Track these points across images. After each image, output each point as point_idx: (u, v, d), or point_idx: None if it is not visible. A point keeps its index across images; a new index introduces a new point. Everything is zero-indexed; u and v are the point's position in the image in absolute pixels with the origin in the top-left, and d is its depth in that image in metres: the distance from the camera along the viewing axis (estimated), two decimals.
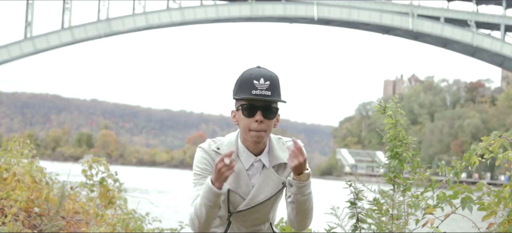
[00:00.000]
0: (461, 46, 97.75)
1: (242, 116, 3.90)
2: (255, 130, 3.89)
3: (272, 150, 4.02)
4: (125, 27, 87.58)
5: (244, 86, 3.89)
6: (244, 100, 3.89)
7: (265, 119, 3.89)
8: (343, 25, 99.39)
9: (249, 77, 3.89)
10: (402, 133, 5.59)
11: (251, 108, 3.88)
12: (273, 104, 3.94)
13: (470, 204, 4.99)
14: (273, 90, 3.91)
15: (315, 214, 4.28)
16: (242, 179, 3.97)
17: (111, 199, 8.64)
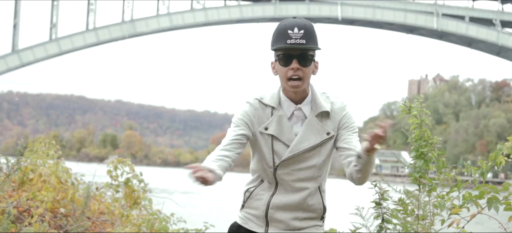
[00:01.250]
0: (486, 45, 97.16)
1: (279, 66, 4.02)
2: (291, 77, 3.98)
3: (315, 99, 4.09)
4: (149, 28, 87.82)
5: (280, 36, 3.98)
6: (280, 50, 3.99)
7: (301, 66, 3.98)
8: (367, 25, 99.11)
9: (284, 27, 3.98)
10: (427, 133, 5.57)
11: (287, 57, 3.98)
12: (309, 52, 4.01)
13: (496, 204, 4.97)
14: (308, 38, 3.98)
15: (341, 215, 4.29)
16: (285, 125, 4.05)
17: (136, 199, 8.67)
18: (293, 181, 4.10)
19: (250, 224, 4.14)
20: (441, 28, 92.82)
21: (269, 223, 4.13)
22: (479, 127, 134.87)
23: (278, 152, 4.06)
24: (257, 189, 4.14)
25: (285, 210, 4.13)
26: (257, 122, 4.05)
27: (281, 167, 4.07)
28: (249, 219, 4.16)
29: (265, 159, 4.07)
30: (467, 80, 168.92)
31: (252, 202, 4.15)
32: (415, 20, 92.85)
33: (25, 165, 7.93)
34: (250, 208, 4.16)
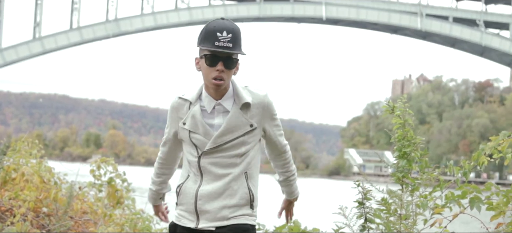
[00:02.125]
0: (469, 45, 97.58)
1: (204, 65, 4.20)
2: (215, 78, 4.18)
3: (237, 93, 4.28)
4: (133, 27, 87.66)
5: (208, 37, 4.15)
6: (208, 51, 4.17)
7: (226, 69, 4.19)
8: (351, 25, 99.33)
9: (213, 29, 4.15)
10: (411, 133, 5.59)
11: (214, 59, 4.16)
12: (234, 55, 4.20)
13: (478, 204, 4.99)
14: (235, 42, 4.16)
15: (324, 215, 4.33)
16: (198, 119, 4.28)
17: (119, 199, 8.65)
18: (217, 168, 4.26)
19: (183, 221, 4.29)
20: (425, 28, 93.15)
21: (199, 216, 4.27)
22: (462, 127, 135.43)
23: (198, 144, 4.27)
24: (185, 183, 4.31)
25: (213, 199, 4.27)
26: (178, 119, 4.36)
27: (204, 156, 4.26)
28: (182, 216, 4.31)
29: (190, 152, 4.30)
30: (450, 80, 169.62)
31: (183, 198, 4.31)
32: (399, 20, 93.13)
33: (8, 164, 7.90)
34: (181, 205, 4.32)
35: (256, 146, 4.40)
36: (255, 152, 4.41)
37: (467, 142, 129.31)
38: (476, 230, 5.66)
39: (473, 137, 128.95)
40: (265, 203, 4.55)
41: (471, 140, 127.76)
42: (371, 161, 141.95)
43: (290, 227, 6.88)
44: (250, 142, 4.33)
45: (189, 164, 4.30)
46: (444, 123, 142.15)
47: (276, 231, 6.89)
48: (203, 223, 4.25)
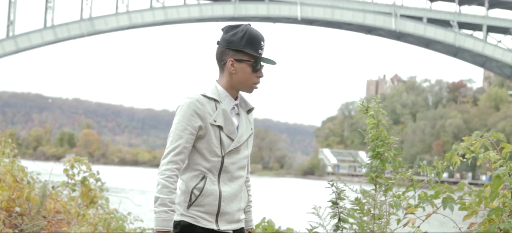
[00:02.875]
0: (443, 46, 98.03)
1: (248, 69, 4.32)
2: (256, 83, 4.36)
3: (243, 98, 4.44)
4: (108, 26, 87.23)
5: (254, 43, 4.32)
6: (255, 57, 4.33)
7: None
8: (326, 25, 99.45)
9: (257, 35, 4.35)
10: (384, 133, 5.60)
11: (259, 66, 4.35)
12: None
13: (451, 204, 5.01)
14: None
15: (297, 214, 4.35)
16: (228, 117, 4.31)
17: (92, 198, 8.62)
18: (235, 170, 4.31)
19: (203, 222, 4.24)
20: (399, 29, 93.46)
21: (218, 218, 4.25)
22: (436, 127, 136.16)
23: (223, 142, 4.26)
24: (206, 185, 4.23)
25: (232, 201, 4.31)
26: (206, 116, 4.24)
27: (227, 156, 4.27)
28: (201, 217, 4.24)
29: (214, 151, 4.24)
30: (424, 81, 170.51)
31: (203, 199, 4.23)
32: (373, 20, 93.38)
33: None
34: (200, 206, 4.24)
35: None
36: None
37: (440, 142, 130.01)
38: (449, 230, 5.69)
39: (446, 137, 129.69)
40: None
41: (445, 140, 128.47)
42: (345, 161, 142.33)
43: (264, 227, 6.88)
44: (250, 147, 4.45)
45: (206, 164, 4.25)
46: (418, 123, 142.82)
47: None
48: (223, 225, 4.28)
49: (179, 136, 4.20)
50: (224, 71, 4.32)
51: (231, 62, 4.28)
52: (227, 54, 4.30)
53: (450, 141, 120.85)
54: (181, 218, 4.23)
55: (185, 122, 4.20)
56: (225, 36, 4.32)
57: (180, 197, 4.25)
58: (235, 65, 4.29)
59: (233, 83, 4.32)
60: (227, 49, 4.30)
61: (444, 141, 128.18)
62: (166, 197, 4.11)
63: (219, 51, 4.34)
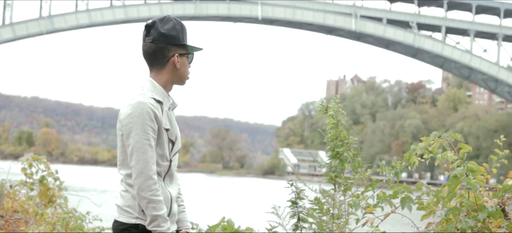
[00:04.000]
0: (403, 47, 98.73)
1: (186, 62, 4.25)
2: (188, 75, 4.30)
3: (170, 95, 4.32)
4: (67, 24, 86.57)
5: (186, 35, 4.24)
6: (191, 49, 4.27)
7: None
8: (287, 25, 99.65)
9: (184, 27, 4.25)
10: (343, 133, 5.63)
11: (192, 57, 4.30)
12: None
13: (409, 203, 5.05)
14: None
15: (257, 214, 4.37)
16: (171, 118, 4.25)
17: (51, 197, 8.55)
18: (175, 171, 4.29)
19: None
20: (359, 29, 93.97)
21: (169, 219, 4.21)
22: (395, 127, 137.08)
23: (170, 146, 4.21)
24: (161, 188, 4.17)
25: (176, 201, 4.34)
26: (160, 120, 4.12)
27: (173, 158, 4.24)
28: None
29: (165, 155, 4.16)
30: (384, 81, 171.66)
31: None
32: (334, 21, 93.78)
33: None
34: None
35: None
36: None
37: (399, 143, 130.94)
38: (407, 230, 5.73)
39: (405, 137, 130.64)
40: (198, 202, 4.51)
41: (404, 141, 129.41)
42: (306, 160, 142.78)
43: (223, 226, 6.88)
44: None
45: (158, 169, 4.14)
46: (377, 123, 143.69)
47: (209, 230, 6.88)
48: (171, 227, 4.24)
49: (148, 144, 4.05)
50: (166, 68, 4.20)
51: (177, 57, 4.20)
52: (170, 50, 4.19)
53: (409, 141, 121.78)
54: (137, 221, 4.14)
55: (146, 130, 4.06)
56: (162, 31, 4.17)
57: (132, 201, 4.15)
58: (180, 62, 4.22)
59: (174, 79, 4.23)
60: (169, 45, 4.18)
61: (403, 141, 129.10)
62: (165, 212, 4.07)
63: (159, 48, 4.18)
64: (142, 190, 3.99)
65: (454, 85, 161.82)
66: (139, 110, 4.04)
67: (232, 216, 7.21)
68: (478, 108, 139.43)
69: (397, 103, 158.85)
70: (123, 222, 4.16)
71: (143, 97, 4.07)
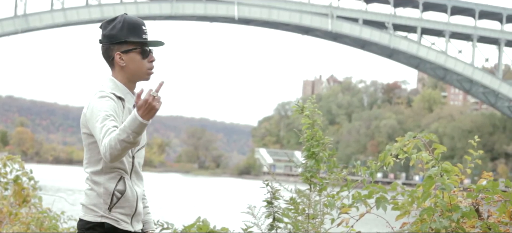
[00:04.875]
0: (378, 47, 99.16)
1: (137, 57, 4.21)
2: (151, 69, 4.25)
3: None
4: (43, 23, 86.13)
5: (134, 30, 4.20)
6: (140, 43, 4.22)
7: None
8: (263, 25, 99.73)
9: (136, 22, 4.22)
10: (319, 133, 5.64)
11: (146, 51, 4.23)
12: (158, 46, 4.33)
13: (384, 203, 5.07)
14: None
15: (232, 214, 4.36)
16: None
17: (25, 197, 8.50)
18: (139, 168, 4.28)
19: (123, 225, 4.19)
20: (335, 29, 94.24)
21: (133, 218, 4.23)
22: (371, 128, 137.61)
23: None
24: (126, 187, 4.18)
25: (142, 200, 4.36)
26: (120, 115, 4.11)
27: (136, 156, 4.23)
28: (121, 220, 4.19)
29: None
30: (359, 82, 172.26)
31: (124, 201, 4.18)
32: (310, 21, 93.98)
33: None
34: (121, 208, 4.19)
35: None
36: None
37: (375, 143, 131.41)
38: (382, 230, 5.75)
39: (381, 137, 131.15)
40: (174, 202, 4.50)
41: (379, 141, 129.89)
42: (281, 160, 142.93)
43: (198, 226, 6.86)
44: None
45: (121, 165, 4.15)
46: (353, 123, 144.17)
47: (184, 230, 6.86)
48: (135, 226, 4.26)
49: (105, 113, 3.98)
50: (115, 67, 4.22)
51: (118, 55, 4.20)
52: (112, 50, 4.21)
53: (384, 141, 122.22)
54: (103, 220, 4.14)
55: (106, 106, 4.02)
56: (105, 32, 4.22)
57: (96, 199, 4.15)
58: (124, 57, 4.20)
59: (128, 76, 4.22)
60: (111, 44, 4.20)
61: (379, 142, 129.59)
62: (118, 134, 3.82)
63: (104, 49, 4.24)
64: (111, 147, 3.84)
65: (429, 86, 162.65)
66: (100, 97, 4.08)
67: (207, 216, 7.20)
68: (453, 108, 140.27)
69: (372, 104, 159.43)
70: (88, 221, 4.15)
71: (101, 93, 4.11)
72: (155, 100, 3.78)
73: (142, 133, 3.83)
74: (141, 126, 3.78)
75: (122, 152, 3.85)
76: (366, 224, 5.71)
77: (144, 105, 3.77)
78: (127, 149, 3.85)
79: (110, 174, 4.16)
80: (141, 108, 3.77)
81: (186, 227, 6.91)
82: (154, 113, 3.82)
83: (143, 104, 3.76)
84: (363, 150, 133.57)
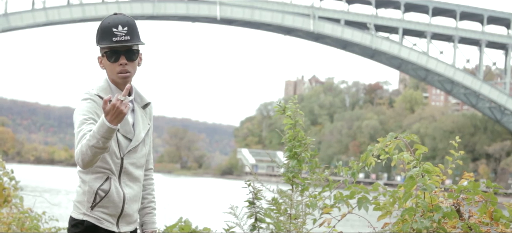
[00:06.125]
0: (360, 48, 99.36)
1: (107, 62, 4.21)
2: (121, 72, 4.20)
3: (138, 92, 4.37)
4: (24, 22, 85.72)
5: (105, 34, 4.18)
6: (107, 47, 4.19)
7: (129, 62, 4.21)
8: (245, 25, 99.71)
9: (108, 25, 4.18)
10: (301, 134, 5.64)
11: (115, 54, 4.18)
12: (134, 47, 4.23)
13: (366, 204, 5.08)
14: (132, 34, 4.20)
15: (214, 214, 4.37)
16: (126, 116, 4.20)
17: (6, 197, 8.46)
18: (134, 169, 4.26)
19: (105, 224, 4.20)
20: (317, 30, 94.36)
21: (119, 220, 4.24)
22: (353, 128, 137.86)
23: (121, 143, 4.20)
24: (111, 187, 4.19)
25: (133, 202, 4.31)
26: (99, 117, 4.11)
27: (126, 157, 4.22)
28: (104, 219, 4.20)
29: (113, 152, 4.17)
30: (342, 82, 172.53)
31: (107, 201, 4.19)
32: (292, 22, 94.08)
33: None
34: (104, 207, 4.20)
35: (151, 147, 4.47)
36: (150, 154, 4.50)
37: (357, 143, 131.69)
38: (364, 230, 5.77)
39: (363, 138, 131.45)
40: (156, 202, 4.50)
41: (361, 141, 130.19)
42: (264, 161, 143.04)
43: (181, 227, 6.86)
44: (148, 143, 4.39)
45: (107, 166, 4.17)
46: (335, 124, 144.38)
47: (166, 230, 6.86)
48: (123, 227, 4.26)
49: (84, 116, 4.07)
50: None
51: (99, 59, 4.27)
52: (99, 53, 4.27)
53: (366, 142, 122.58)
54: (84, 218, 4.18)
55: (86, 109, 4.10)
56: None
57: (81, 197, 4.19)
58: (103, 60, 4.25)
59: (109, 78, 4.26)
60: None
61: (361, 142, 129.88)
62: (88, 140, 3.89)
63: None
64: (82, 153, 3.91)
65: (411, 87, 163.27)
66: (82, 102, 4.16)
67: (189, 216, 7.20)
68: (435, 109, 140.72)
69: (354, 104, 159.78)
70: (73, 218, 4.22)
71: (84, 95, 4.18)
72: (122, 105, 3.82)
73: (111, 138, 3.86)
74: (109, 131, 3.83)
75: (94, 158, 3.91)
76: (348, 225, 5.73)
77: (112, 110, 3.80)
78: (98, 154, 3.90)
79: (96, 173, 4.18)
80: (109, 113, 3.81)
81: (168, 227, 6.91)
82: (122, 117, 3.85)
83: (111, 109, 3.80)
84: (345, 150, 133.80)
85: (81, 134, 3.97)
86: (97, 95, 4.16)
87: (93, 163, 3.95)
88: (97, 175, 4.17)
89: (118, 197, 4.19)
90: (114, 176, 4.18)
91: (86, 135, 3.94)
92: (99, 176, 4.17)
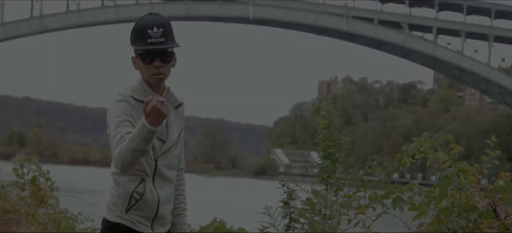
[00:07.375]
0: (394, 47, 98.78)
1: (142, 64, 4.18)
2: (155, 74, 4.16)
3: (172, 93, 4.32)
4: (58, 24, 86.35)
5: (140, 35, 4.14)
6: (142, 49, 4.16)
7: (163, 64, 4.17)
8: (278, 25, 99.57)
9: (143, 26, 4.14)
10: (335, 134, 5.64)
11: (150, 56, 4.14)
12: (169, 49, 4.19)
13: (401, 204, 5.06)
14: (167, 36, 4.16)
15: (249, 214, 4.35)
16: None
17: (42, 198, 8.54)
18: (167, 171, 4.24)
19: (140, 227, 4.19)
20: (350, 30, 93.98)
21: (154, 222, 4.22)
22: (387, 128, 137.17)
23: (154, 145, 4.15)
24: (146, 189, 4.17)
25: (167, 203, 4.28)
26: (136, 118, 4.09)
27: (160, 158, 4.20)
28: (139, 222, 4.19)
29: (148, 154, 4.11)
30: (375, 82, 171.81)
31: (142, 204, 4.18)
32: (325, 21, 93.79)
33: None
34: (139, 210, 4.19)
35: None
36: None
37: (391, 143, 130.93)
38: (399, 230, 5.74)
39: (397, 138, 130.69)
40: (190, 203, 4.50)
41: (395, 141, 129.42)
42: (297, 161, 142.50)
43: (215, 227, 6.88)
44: (180, 144, 4.36)
45: (141, 168, 4.15)
46: (369, 124, 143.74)
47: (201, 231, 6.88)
48: (157, 229, 4.24)
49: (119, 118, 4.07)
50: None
51: (133, 60, 4.26)
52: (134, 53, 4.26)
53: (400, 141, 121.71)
54: (118, 221, 4.17)
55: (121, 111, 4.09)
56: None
57: (116, 199, 4.19)
58: (137, 61, 4.23)
59: (143, 79, 4.24)
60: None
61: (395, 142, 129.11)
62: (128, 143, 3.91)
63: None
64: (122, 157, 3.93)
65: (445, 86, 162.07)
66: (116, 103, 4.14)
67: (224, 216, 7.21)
68: (469, 108, 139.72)
69: (388, 104, 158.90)
70: (107, 220, 4.21)
71: (119, 96, 4.17)
72: (163, 106, 3.83)
73: (151, 140, 3.87)
74: (150, 133, 3.83)
75: (134, 161, 3.92)
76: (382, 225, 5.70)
77: (152, 111, 3.81)
78: (138, 157, 3.91)
79: (131, 175, 4.16)
80: (150, 116, 3.81)
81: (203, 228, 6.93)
82: (163, 119, 3.86)
83: (152, 111, 3.81)
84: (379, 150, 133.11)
85: (118, 137, 3.97)
86: (131, 96, 4.16)
87: (133, 166, 3.96)
88: (131, 177, 4.16)
89: (152, 200, 4.18)
90: (148, 178, 4.17)
91: (124, 138, 3.94)
92: (134, 178, 4.16)
